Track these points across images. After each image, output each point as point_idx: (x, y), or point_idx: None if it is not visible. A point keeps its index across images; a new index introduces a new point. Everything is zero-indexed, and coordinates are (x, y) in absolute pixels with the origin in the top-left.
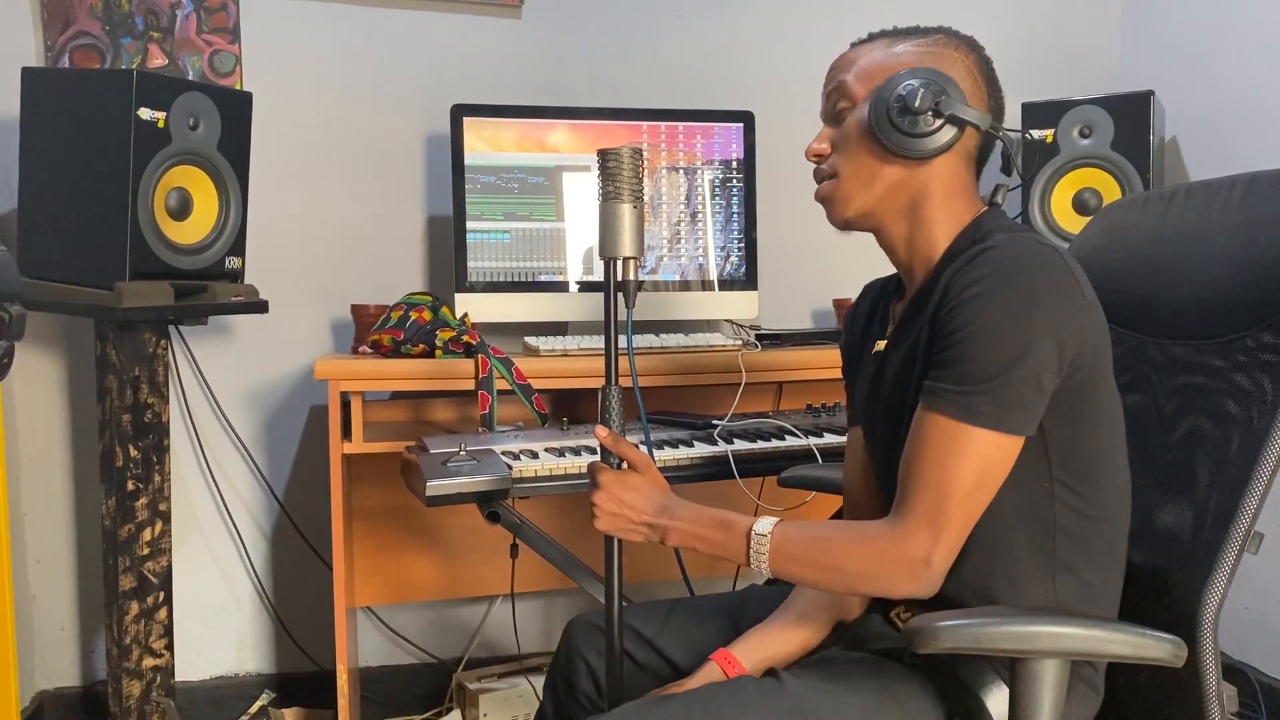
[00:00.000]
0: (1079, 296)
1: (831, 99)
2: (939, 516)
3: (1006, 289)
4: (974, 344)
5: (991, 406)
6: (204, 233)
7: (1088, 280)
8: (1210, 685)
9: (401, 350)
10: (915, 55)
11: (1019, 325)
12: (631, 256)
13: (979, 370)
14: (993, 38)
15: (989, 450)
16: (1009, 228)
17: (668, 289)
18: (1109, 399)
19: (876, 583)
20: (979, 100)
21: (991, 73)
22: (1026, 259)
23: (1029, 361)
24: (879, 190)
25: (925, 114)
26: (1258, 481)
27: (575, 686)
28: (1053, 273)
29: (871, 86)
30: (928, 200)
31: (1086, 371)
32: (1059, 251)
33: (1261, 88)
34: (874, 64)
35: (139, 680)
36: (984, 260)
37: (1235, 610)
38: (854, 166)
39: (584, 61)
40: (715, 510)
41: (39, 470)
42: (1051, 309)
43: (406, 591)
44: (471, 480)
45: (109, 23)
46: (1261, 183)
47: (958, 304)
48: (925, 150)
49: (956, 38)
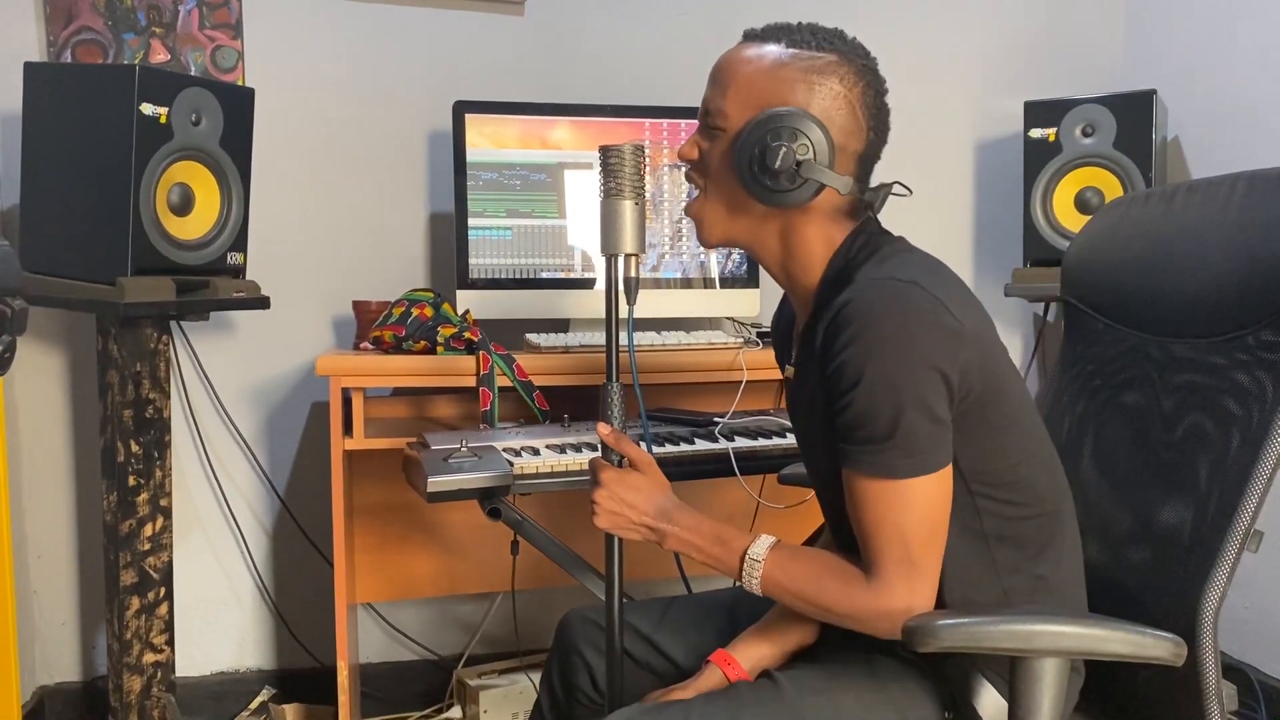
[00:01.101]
0: (948, 322)
1: (706, 110)
2: (908, 568)
3: (871, 341)
4: (861, 404)
5: (902, 458)
6: (206, 228)
7: (966, 301)
8: (1210, 684)
9: (403, 347)
10: (795, 82)
11: (895, 373)
12: (633, 253)
13: (876, 428)
14: (995, 36)
15: (922, 494)
16: (876, 251)
17: (669, 286)
18: (1011, 404)
19: (862, 626)
20: (856, 138)
21: (878, 101)
22: (884, 304)
23: (916, 404)
24: (744, 221)
25: (785, 172)
26: (1258, 480)
27: (573, 683)
28: (913, 310)
29: (744, 116)
30: (798, 231)
31: (977, 391)
32: (920, 284)
33: (1264, 87)
34: (752, 87)
35: (140, 676)
36: (847, 315)
37: (1235, 609)
38: (719, 193)
39: (586, 58)
40: (714, 523)
41: (40, 465)
42: (922, 346)
43: (407, 588)
44: (472, 476)
45: (111, 18)
46: (1262, 181)
47: (836, 367)
48: (785, 203)
49: (847, 61)
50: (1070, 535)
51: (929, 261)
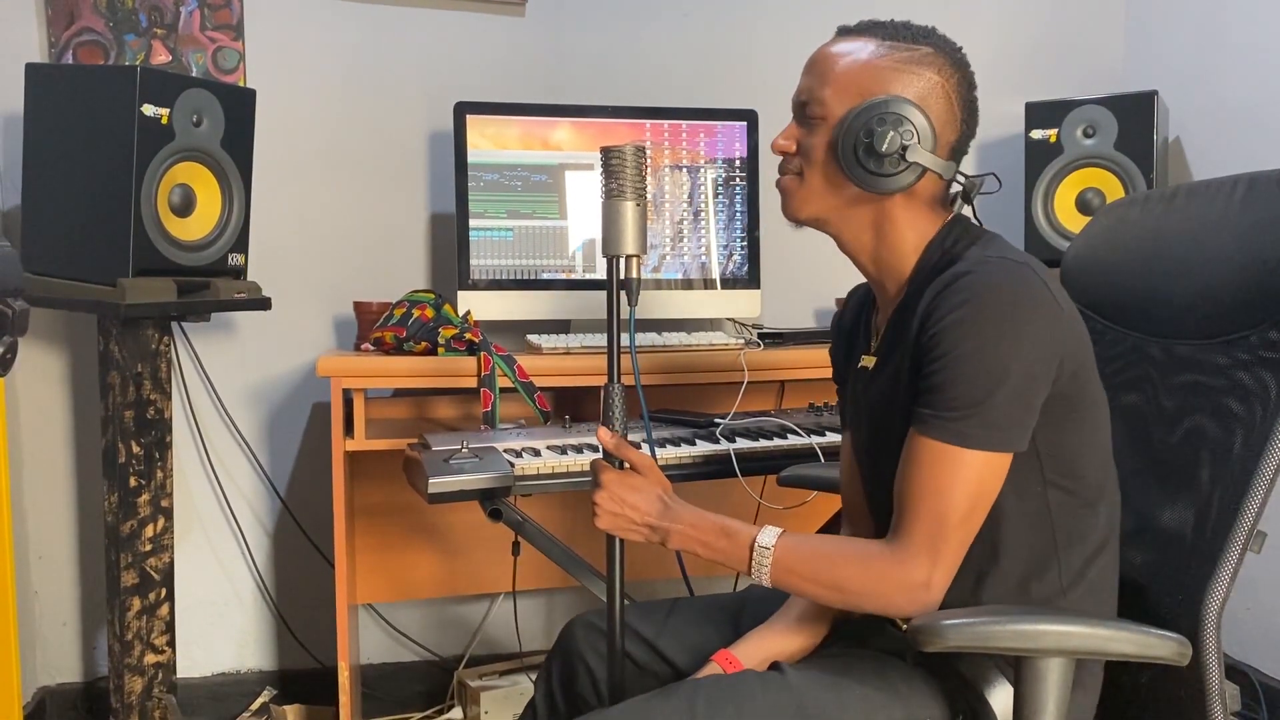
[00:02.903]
0: (1055, 309)
1: (805, 101)
2: (937, 541)
3: (985, 313)
4: (958, 370)
5: (979, 429)
6: (207, 229)
7: (1060, 286)
8: (1213, 684)
9: (404, 347)
10: (895, 72)
11: (1000, 348)
12: (634, 254)
13: (964, 395)
14: (997, 38)
15: (981, 470)
16: (978, 239)
17: (670, 287)
18: (1092, 394)
19: (876, 602)
20: (952, 128)
21: (970, 94)
22: (1001, 280)
23: (1012, 382)
24: (839, 202)
25: (891, 157)
26: (1261, 480)
27: (574, 688)
28: (1028, 291)
29: (846, 105)
30: (892, 217)
31: (1069, 378)
32: (1031, 266)
33: (1265, 88)
34: (852, 78)
35: (141, 676)
36: (961, 286)
37: (1237, 610)
38: (819, 177)
39: (587, 59)
40: (718, 517)
41: (41, 466)
42: (1030, 328)
43: (408, 589)
44: (474, 478)
45: (113, 19)
46: (1263, 183)
47: (938, 331)
48: (888, 188)
49: (943, 53)
50: (1117, 539)
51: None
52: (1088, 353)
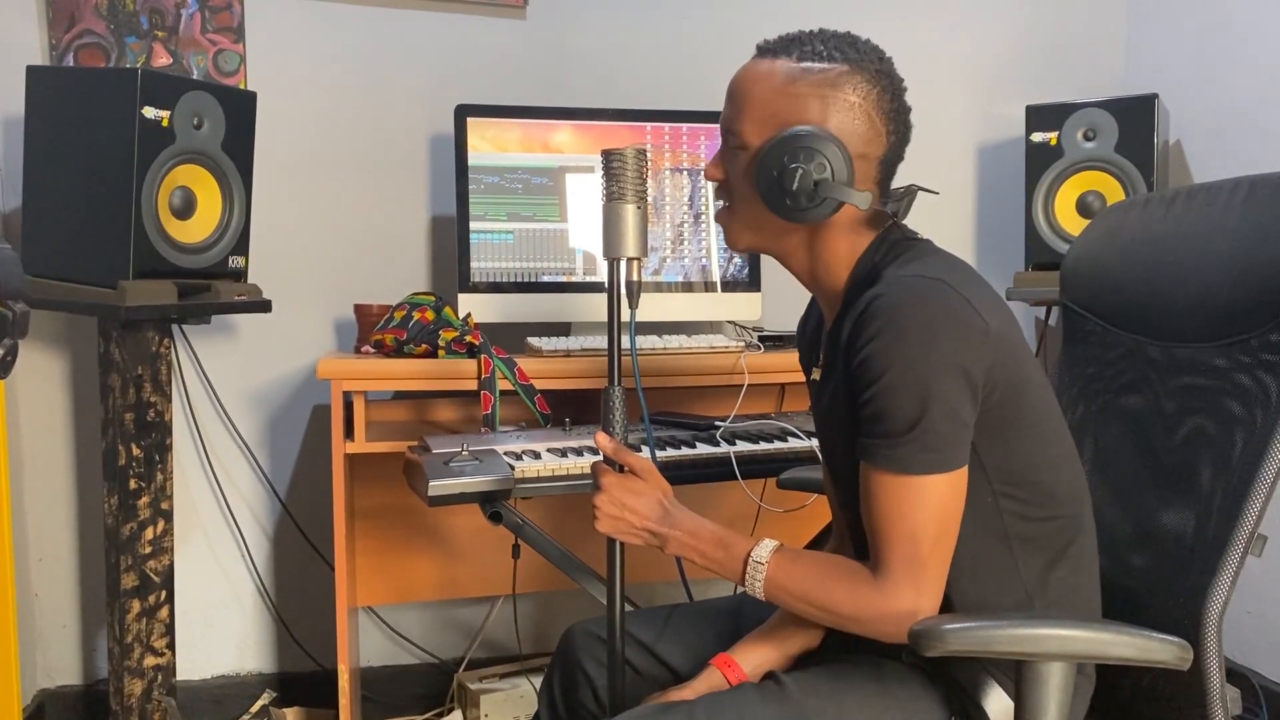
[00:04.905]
0: (974, 320)
1: (726, 130)
2: (915, 568)
3: (901, 337)
4: (885, 400)
5: (921, 453)
6: (207, 232)
7: (992, 297)
8: (1214, 688)
9: (404, 350)
10: (809, 99)
11: (921, 370)
12: (635, 257)
13: (897, 423)
14: (998, 41)
15: (937, 492)
16: (902, 254)
17: (671, 290)
18: (1035, 403)
19: (866, 628)
20: (876, 144)
21: (895, 104)
22: (911, 299)
23: (940, 401)
24: (772, 231)
25: (805, 192)
26: (1262, 483)
27: (574, 697)
28: (939, 306)
29: (761, 136)
30: (823, 239)
31: (1002, 389)
32: (946, 281)
33: (1266, 91)
34: (766, 106)
35: (140, 679)
36: (874, 310)
37: (1238, 614)
38: (744, 207)
39: (588, 62)
40: (716, 527)
41: (42, 468)
42: (948, 344)
43: (408, 591)
44: (474, 480)
45: (114, 21)
46: (1263, 186)
47: (862, 360)
48: (808, 220)
49: (859, 68)
50: (1089, 539)
51: (955, 262)
52: (1025, 366)
